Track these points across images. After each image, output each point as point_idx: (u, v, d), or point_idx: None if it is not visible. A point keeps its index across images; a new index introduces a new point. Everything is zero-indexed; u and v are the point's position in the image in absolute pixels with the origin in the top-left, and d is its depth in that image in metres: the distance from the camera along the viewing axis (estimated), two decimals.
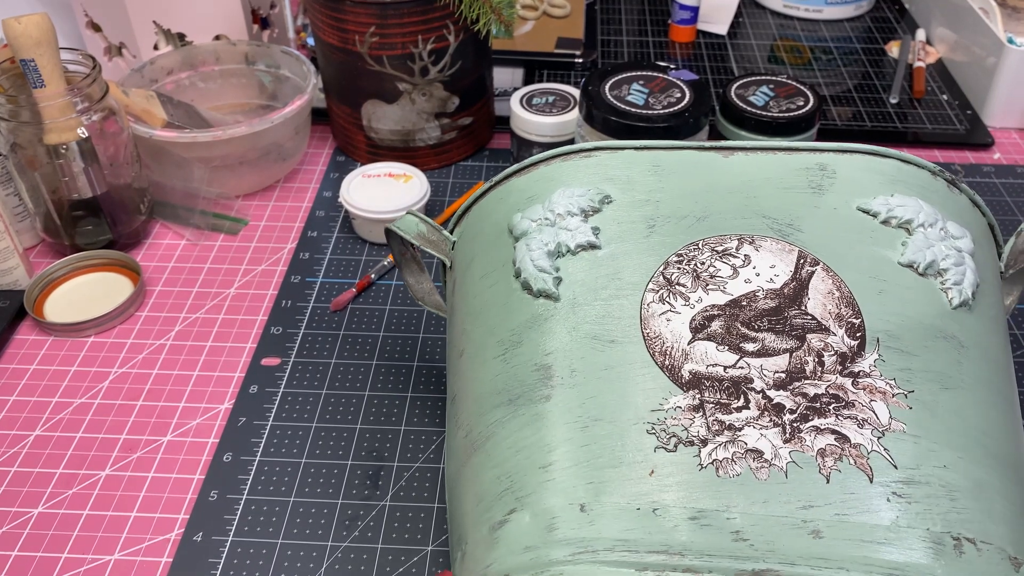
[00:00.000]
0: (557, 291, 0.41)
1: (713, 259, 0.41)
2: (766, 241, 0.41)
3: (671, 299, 0.39)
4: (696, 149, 0.46)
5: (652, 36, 1.05)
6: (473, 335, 0.43)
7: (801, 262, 0.40)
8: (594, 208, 0.43)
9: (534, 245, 0.42)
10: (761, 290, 0.39)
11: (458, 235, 0.49)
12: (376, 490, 0.54)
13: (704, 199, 0.43)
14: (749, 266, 0.40)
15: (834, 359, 0.37)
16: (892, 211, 0.42)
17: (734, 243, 0.41)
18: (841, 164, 0.45)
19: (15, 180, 0.69)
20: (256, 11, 0.88)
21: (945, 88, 0.93)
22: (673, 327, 0.39)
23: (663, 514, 0.33)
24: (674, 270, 0.40)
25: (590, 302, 0.40)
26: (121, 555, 0.51)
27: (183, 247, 0.73)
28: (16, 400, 0.60)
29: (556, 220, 0.43)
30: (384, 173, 0.74)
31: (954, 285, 0.40)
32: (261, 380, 0.61)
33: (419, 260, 0.56)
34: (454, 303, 0.47)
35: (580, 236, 0.42)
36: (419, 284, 0.57)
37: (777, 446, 0.35)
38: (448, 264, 0.49)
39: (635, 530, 0.33)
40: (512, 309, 0.41)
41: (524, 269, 0.42)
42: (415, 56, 0.74)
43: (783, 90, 0.73)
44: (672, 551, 0.32)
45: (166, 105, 0.76)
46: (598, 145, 0.46)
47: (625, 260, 0.41)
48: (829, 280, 0.40)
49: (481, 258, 0.45)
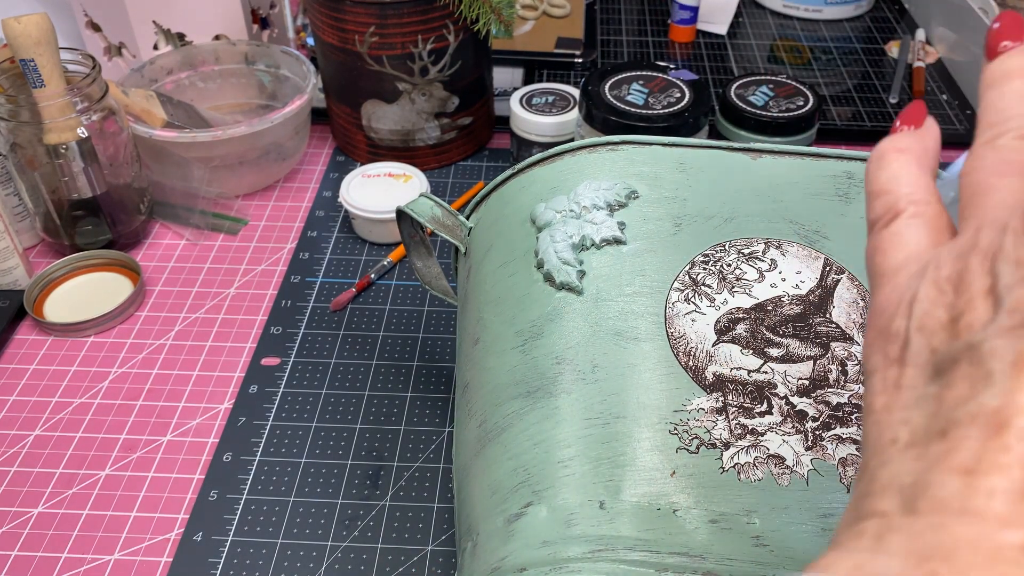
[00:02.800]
0: (580, 284, 0.40)
1: (740, 261, 0.40)
2: (792, 246, 0.41)
3: (696, 299, 0.39)
4: (725, 149, 0.46)
5: (652, 36, 1.05)
6: (490, 324, 0.42)
7: (827, 269, 0.40)
8: (620, 203, 0.43)
9: (558, 236, 0.41)
10: (787, 295, 0.39)
11: (475, 221, 0.48)
12: (376, 490, 0.54)
13: (731, 200, 0.43)
14: (775, 271, 0.40)
15: (857, 369, 0.37)
16: None
17: (761, 246, 0.41)
18: None
19: (15, 180, 0.69)
20: (256, 11, 0.88)
21: (945, 88, 0.93)
22: (698, 328, 0.38)
23: (683, 515, 0.33)
24: (700, 270, 0.40)
25: (614, 297, 0.39)
26: (121, 555, 0.51)
27: (183, 247, 0.73)
28: (16, 400, 0.60)
29: (581, 212, 0.42)
30: (384, 173, 0.74)
31: None
32: (261, 380, 0.61)
33: (428, 244, 0.56)
34: (468, 290, 0.46)
35: (606, 230, 0.41)
36: (427, 268, 0.57)
37: (799, 453, 0.35)
38: (463, 250, 0.49)
39: (655, 530, 0.33)
40: (533, 300, 0.41)
41: (547, 260, 0.41)
42: (415, 56, 0.74)
43: (783, 90, 0.73)
44: (692, 553, 0.32)
45: (166, 105, 0.76)
46: (625, 139, 0.45)
47: (650, 257, 0.41)
48: (854, 289, 0.39)
49: (500, 246, 0.44)
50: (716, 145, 0.46)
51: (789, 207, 0.43)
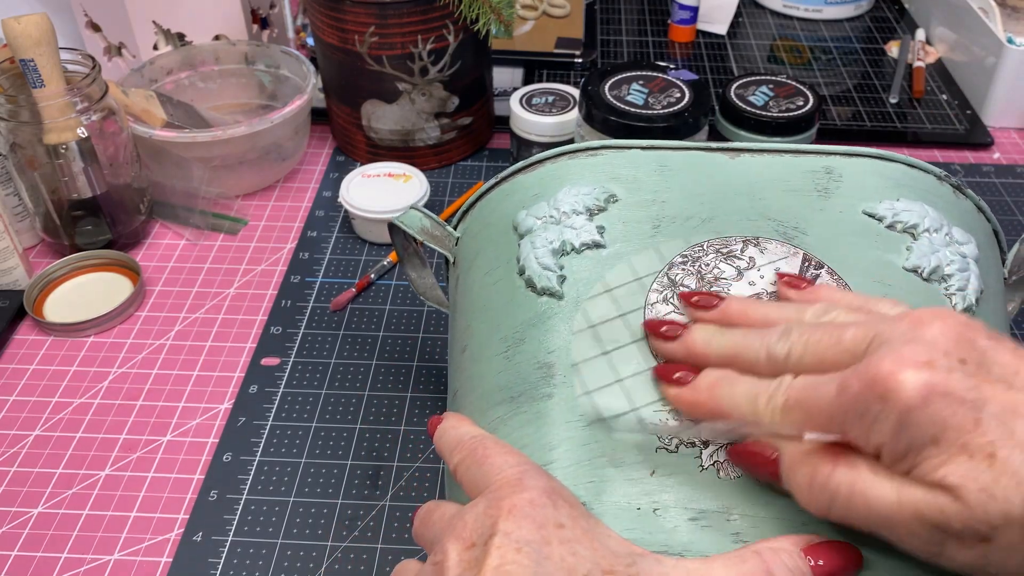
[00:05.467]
0: (561, 289, 0.40)
1: (718, 260, 0.40)
2: (771, 243, 0.41)
3: (675, 300, 0.39)
4: (703, 150, 0.46)
5: (652, 36, 1.05)
6: (476, 332, 0.43)
7: (806, 265, 0.40)
8: (599, 207, 0.43)
9: (539, 243, 0.42)
10: (765, 293, 0.39)
11: (462, 231, 0.49)
12: (376, 490, 0.54)
13: (710, 200, 0.43)
14: (753, 268, 0.40)
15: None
16: (898, 215, 0.42)
17: (739, 245, 0.41)
18: (847, 167, 0.44)
19: (15, 180, 0.69)
20: (256, 11, 0.88)
21: (944, 88, 0.93)
22: None
23: (663, 514, 0.33)
24: (678, 271, 0.40)
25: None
26: (121, 555, 0.51)
27: (183, 247, 0.73)
28: (16, 400, 0.60)
29: (561, 218, 0.43)
30: (384, 173, 0.74)
31: (958, 291, 0.40)
32: (261, 380, 0.61)
33: (422, 255, 0.56)
34: (457, 299, 0.47)
35: (585, 235, 0.42)
36: (421, 279, 0.57)
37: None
38: (451, 260, 0.49)
39: (636, 530, 0.33)
40: (516, 306, 0.41)
41: (528, 266, 0.41)
42: (415, 56, 0.74)
43: (783, 90, 0.73)
44: (672, 551, 0.32)
45: (166, 105, 0.76)
46: (605, 144, 0.46)
47: (629, 260, 0.41)
48: (833, 284, 0.39)
49: (485, 254, 0.45)
50: (694, 146, 0.46)
51: (768, 204, 0.43)
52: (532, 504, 0.30)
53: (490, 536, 0.29)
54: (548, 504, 0.30)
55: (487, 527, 0.30)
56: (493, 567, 0.28)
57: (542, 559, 0.28)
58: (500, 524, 0.29)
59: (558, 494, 0.31)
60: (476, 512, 0.31)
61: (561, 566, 0.28)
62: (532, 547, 0.29)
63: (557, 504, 0.30)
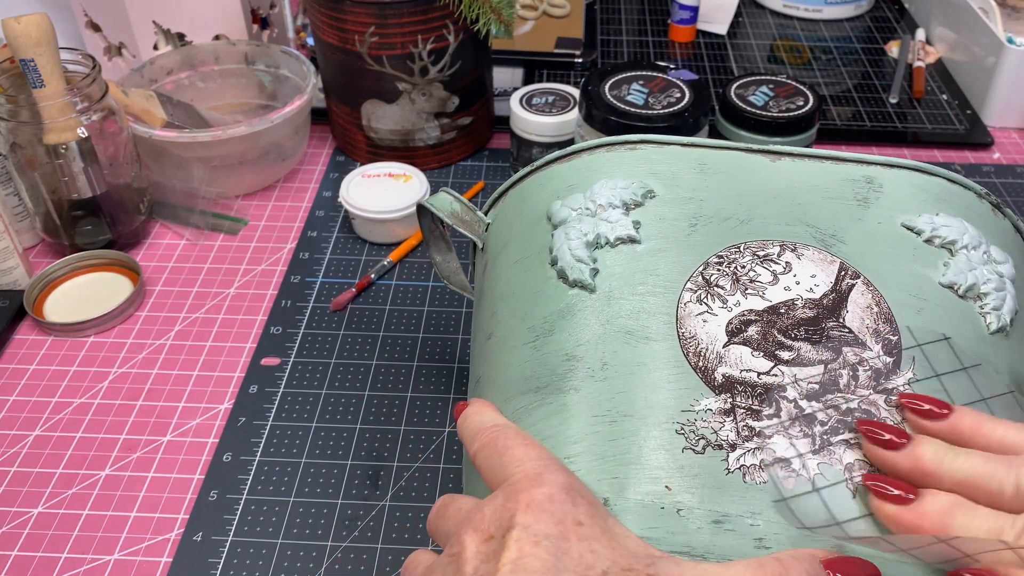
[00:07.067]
0: (593, 282, 0.40)
1: (754, 263, 0.40)
2: (808, 250, 0.41)
3: (709, 300, 0.39)
4: (744, 151, 0.45)
5: (652, 36, 1.05)
6: (503, 319, 0.42)
7: (842, 274, 0.40)
8: (636, 202, 0.43)
9: (573, 234, 0.41)
10: (800, 299, 0.39)
11: (493, 217, 0.48)
12: (376, 490, 0.54)
13: (748, 202, 0.43)
14: (789, 273, 0.40)
15: (869, 375, 0.37)
16: (936, 230, 0.41)
17: (776, 249, 0.41)
18: (888, 178, 0.44)
19: (15, 180, 0.69)
20: (256, 11, 0.88)
21: (945, 88, 0.93)
22: (709, 329, 0.38)
23: (687, 515, 0.33)
24: (714, 271, 0.40)
25: (626, 296, 0.39)
26: (121, 555, 0.51)
27: (183, 247, 0.73)
28: (16, 400, 0.60)
29: (597, 211, 0.42)
30: (384, 173, 0.74)
31: (993, 310, 0.39)
32: (261, 380, 0.61)
33: (448, 239, 0.56)
34: (484, 285, 0.46)
35: (620, 229, 0.41)
36: (446, 263, 0.57)
37: (805, 456, 0.35)
38: (480, 245, 0.49)
39: (658, 529, 0.33)
40: (546, 296, 0.41)
41: (561, 257, 0.41)
42: (415, 56, 0.74)
43: (783, 90, 0.73)
44: (694, 553, 0.32)
45: (166, 105, 0.76)
46: (644, 138, 0.45)
47: (664, 257, 0.40)
48: (869, 295, 0.39)
49: (516, 242, 0.45)
50: (736, 147, 0.46)
51: (806, 210, 0.43)
52: (551, 499, 0.30)
53: (508, 529, 0.29)
54: (567, 500, 0.30)
55: (505, 520, 0.30)
56: (512, 559, 0.28)
57: (560, 553, 0.28)
58: (518, 517, 0.29)
59: (577, 491, 0.31)
60: (494, 505, 0.31)
61: (580, 562, 0.28)
62: (551, 541, 0.28)
63: (576, 501, 0.30)
